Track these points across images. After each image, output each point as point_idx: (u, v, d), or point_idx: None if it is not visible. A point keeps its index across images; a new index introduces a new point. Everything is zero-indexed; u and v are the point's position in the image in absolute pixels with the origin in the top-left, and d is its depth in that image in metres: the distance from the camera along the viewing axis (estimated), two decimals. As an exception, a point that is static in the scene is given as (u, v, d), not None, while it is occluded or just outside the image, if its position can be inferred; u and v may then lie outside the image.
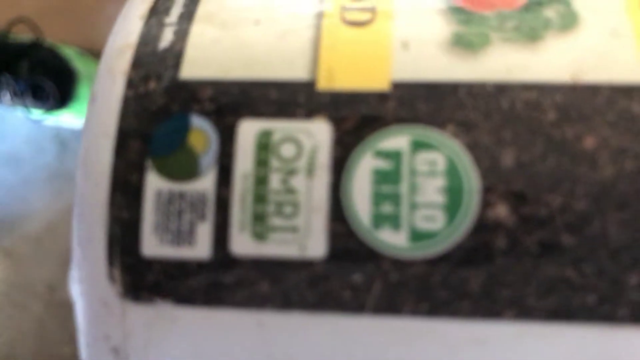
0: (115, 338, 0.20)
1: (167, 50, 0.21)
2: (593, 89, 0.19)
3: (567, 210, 0.18)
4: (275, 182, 0.19)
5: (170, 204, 0.19)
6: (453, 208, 0.18)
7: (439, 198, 0.18)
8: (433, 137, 0.19)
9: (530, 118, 0.19)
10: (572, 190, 0.18)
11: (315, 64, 0.20)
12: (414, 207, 0.18)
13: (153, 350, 0.20)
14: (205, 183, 0.19)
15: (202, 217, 0.19)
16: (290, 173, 0.19)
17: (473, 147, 0.18)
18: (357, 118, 0.19)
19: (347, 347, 0.19)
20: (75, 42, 0.58)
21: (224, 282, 0.19)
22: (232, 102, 0.19)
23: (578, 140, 0.18)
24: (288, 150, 0.19)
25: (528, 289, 0.18)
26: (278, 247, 0.19)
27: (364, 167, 0.19)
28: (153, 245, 0.19)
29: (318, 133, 0.19)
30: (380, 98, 0.19)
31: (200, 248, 0.19)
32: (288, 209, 0.19)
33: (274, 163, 0.19)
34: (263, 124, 0.19)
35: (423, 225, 0.18)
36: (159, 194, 0.19)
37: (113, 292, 0.19)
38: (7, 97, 0.51)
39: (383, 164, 0.19)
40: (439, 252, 0.18)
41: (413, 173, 0.19)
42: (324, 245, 0.19)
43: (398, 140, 0.19)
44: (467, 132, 0.19)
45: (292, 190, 0.19)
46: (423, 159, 0.19)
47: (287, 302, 0.19)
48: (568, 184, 0.18)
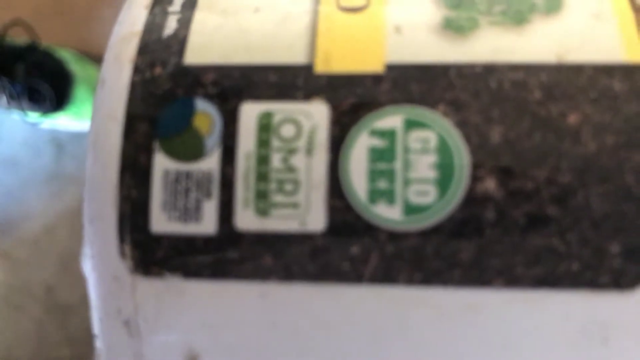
0: (127, 311, 0.21)
1: (171, 38, 0.22)
2: (576, 69, 0.20)
3: (552, 184, 0.20)
4: (277, 161, 0.20)
5: (178, 183, 0.21)
6: (444, 183, 0.20)
7: (431, 173, 0.20)
8: (425, 116, 0.20)
9: (517, 97, 0.20)
10: (557, 165, 0.20)
11: (313, 49, 0.21)
12: (408, 182, 0.20)
13: (163, 322, 0.21)
14: (211, 163, 0.21)
15: (207, 195, 0.21)
16: (291, 152, 0.20)
17: (463, 125, 0.20)
18: (353, 99, 0.21)
19: (346, 315, 0.20)
20: (72, 44, 0.59)
21: (229, 256, 0.20)
22: (234, 85, 0.21)
23: (562, 117, 0.20)
24: (288, 131, 0.21)
25: (516, 258, 0.20)
26: (280, 222, 0.20)
27: (361, 145, 0.20)
28: (161, 222, 0.21)
29: (316, 114, 0.21)
30: (375, 80, 0.21)
31: (207, 224, 0.20)
32: (289, 186, 0.20)
33: (275, 143, 0.20)
34: (264, 106, 0.21)
35: (416, 200, 0.20)
36: (167, 174, 0.21)
37: (124, 267, 0.21)
38: (3, 100, 0.52)
39: (378, 142, 0.20)
40: (432, 224, 0.20)
41: (407, 150, 0.20)
42: (324, 220, 0.20)
43: (392, 120, 0.20)
44: (457, 111, 0.20)
45: (292, 169, 0.20)
46: (416, 137, 0.20)
47: (289, 274, 0.20)
48: (553, 159, 0.20)
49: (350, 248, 0.20)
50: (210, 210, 0.20)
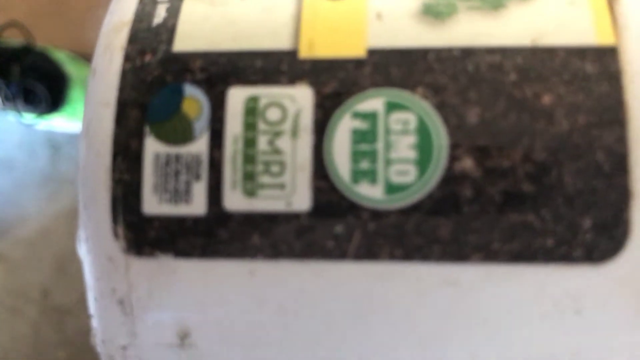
0: (121, 290, 0.23)
1: (160, 26, 0.23)
2: (550, 52, 0.22)
3: (527, 162, 0.21)
4: (263, 143, 0.22)
5: (168, 166, 0.22)
6: (424, 163, 0.21)
7: (411, 154, 0.21)
8: (405, 98, 0.22)
9: (494, 79, 0.21)
10: (531, 144, 0.21)
11: (297, 35, 0.22)
12: (389, 162, 0.21)
13: (155, 300, 0.22)
14: (199, 146, 0.22)
15: (197, 177, 0.22)
16: (277, 135, 0.22)
17: (441, 106, 0.21)
18: (336, 83, 0.22)
19: (330, 291, 0.22)
20: (67, 45, 0.59)
21: (219, 235, 0.22)
22: (221, 71, 0.22)
23: (536, 98, 0.21)
24: (274, 114, 0.22)
25: (493, 234, 0.21)
26: (267, 202, 0.22)
27: (344, 127, 0.22)
28: (153, 204, 0.22)
29: (301, 98, 0.22)
30: (357, 64, 0.22)
31: (196, 205, 0.22)
32: (275, 168, 0.22)
33: (261, 126, 0.22)
34: (250, 91, 0.22)
35: (397, 179, 0.21)
36: (157, 157, 0.22)
37: (117, 248, 0.22)
38: (-2, 101, 0.53)
39: (360, 124, 0.22)
40: (412, 202, 0.21)
41: (388, 132, 0.21)
42: (309, 200, 0.21)
43: (374, 102, 0.22)
44: (435, 93, 0.21)
45: (278, 151, 0.22)
46: (396, 119, 0.21)
47: (276, 252, 0.22)
48: (528, 138, 0.21)
49: (335, 226, 0.21)
50: (200, 192, 0.22)
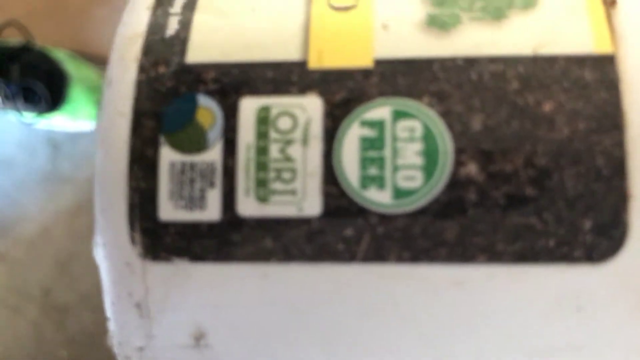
0: (138, 294, 0.24)
1: (173, 38, 0.24)
2: (551, 60, 0.23)
3: (529, 166, 0.22)
4: (275, 151, 0.23)
5: (183, 174, 0.23)
6: (430, 168, 0.22)
7: (418, 160, 0.22)
8: (411, 107, 0.23)
9: (496, 87, 0.23)
10: (533, 149, 0.22)
11: (307, 46, 0.24)
12: (396, 168, 0.22)
13: (171, 303, 0.24)
14: (213, 154, 0.23)
15: (211, 184, 0.23)
16: (288, 143, 0.23)
17: (446, 114, 0.23)
18: (344, 93, 0.23)
19: (340, 292, 0.23)
20: (66, 44, 0.60)
21: (233, 240, 0.23)
22: (233, 82, 0.23)
23: (538, 106, 0.22)
24: (285, 123, 0.23)
25: (497, 236, 0.22)
26: (279, 208, 0.23)
27: (352, 135, 0.23)
28: (169, 210, 0.23)
29: (311, 107, 0.23)
30: (365, 74, 0.23)
31: (211, 211, 0.23)
32: (287, 175, 0.23)
33: (273, 135, 0.23)
34: (262, 101, 0.23)
35: (404, 184, 0.22)
36: (173, 166, 0.23)
37: (134, 253, 0.23)
38: (-2, 100, 0.53)
39: (369, 132, 0.23)
40: (419, 206, 0.22)
41: (395, 139, 0.23)
42: (319, 205, 0.23)
43: (381, 111, 0.23)
44: (441, 101, 0.23)
45: (289, 159, 0.23)
46: (403, 127, 0.23)
47: (287, 255, 0.23)
48: (530, 144, 0.22)
49: (344, 230, 0.23)
50: (214, 198, 0.23)
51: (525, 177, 0.22)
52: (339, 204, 0.22)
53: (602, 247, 0.22)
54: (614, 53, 0.23)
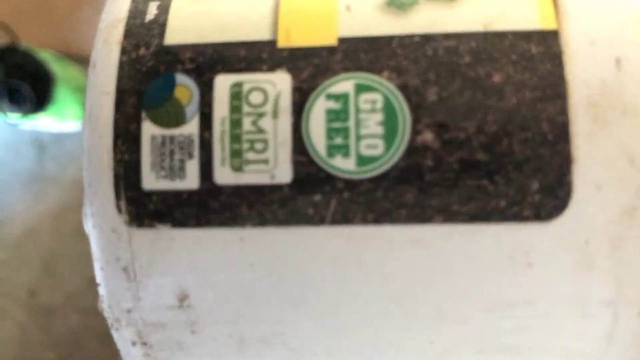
0: (125, 259, 0.26)
1: (152, 22, 0.27)
2: (500, 36, 0.25)
3: (481, 133, 0.24)
4: (248, 124, 0.25)
5: (163, 146, 0.25)
6: (390, 137, 0.25)
7: (379, 129, 0.25)
8: (373, 81, 0.25)
9: (450, 61, 0.25)
10: (484, 118, 0.24)
11: (276, 26, 0.26)
12: (360, 138, 0.25)
13: (156, 267, 0.26)
14: (191, 128, 0.25)
15: (190, 155, 0.25)
16: (260, 116, 0.25)
17: (404, 87, 0.25)
18: (311, 69, 0.25)
19: (312, 253, 0.25)
20: (52, 45, 0.60)
21: (211, 206, 0.25)
22: (208, 61, 0.26)
23: (488, 77, 0.25)
24: (256, 98, 0.25)
25: (452, 198, 0.25)
26: (253, 176, 0.25)
27: (319, 108, 0.25)
28: (151, 180, 0.25)
29: (280, 83, 0.25)
30: (330, 51, 0.25)
31: (190, 180, 0.25)
32: (259, 145, 0.25)
33: (246, 109, 0.25)
34: (235, 77, 0.25)
35: (367, 152, 0.25)
36: (154, 139, 0.25)
37: (121, 220, 0.26)
38: (-16, 102, 0.53)
39: (334, 105, 0.25)
40: (380, 172, 0.25)
41: (358, 111, 0.25)
42: (290, 173, 0.25)
43: (345, 85, 0.25)
44: (399, 75, 0.25)
45: (261, 130, 0.25)
46: (365, 99, 0.25)
47: (262, 220, 0.25)
48: (481, 113, 0.25)
49: (313, 196, 0.25)
50: (193, 169, 0.25)
51: (477, 143, 0.24)
52: (308, 172, 0.25)
53: (549, 206, 0.24)
54: (558, 29, 0.25)
